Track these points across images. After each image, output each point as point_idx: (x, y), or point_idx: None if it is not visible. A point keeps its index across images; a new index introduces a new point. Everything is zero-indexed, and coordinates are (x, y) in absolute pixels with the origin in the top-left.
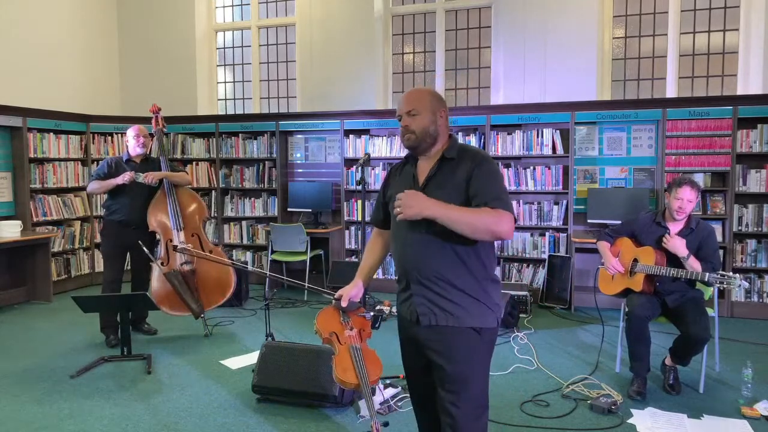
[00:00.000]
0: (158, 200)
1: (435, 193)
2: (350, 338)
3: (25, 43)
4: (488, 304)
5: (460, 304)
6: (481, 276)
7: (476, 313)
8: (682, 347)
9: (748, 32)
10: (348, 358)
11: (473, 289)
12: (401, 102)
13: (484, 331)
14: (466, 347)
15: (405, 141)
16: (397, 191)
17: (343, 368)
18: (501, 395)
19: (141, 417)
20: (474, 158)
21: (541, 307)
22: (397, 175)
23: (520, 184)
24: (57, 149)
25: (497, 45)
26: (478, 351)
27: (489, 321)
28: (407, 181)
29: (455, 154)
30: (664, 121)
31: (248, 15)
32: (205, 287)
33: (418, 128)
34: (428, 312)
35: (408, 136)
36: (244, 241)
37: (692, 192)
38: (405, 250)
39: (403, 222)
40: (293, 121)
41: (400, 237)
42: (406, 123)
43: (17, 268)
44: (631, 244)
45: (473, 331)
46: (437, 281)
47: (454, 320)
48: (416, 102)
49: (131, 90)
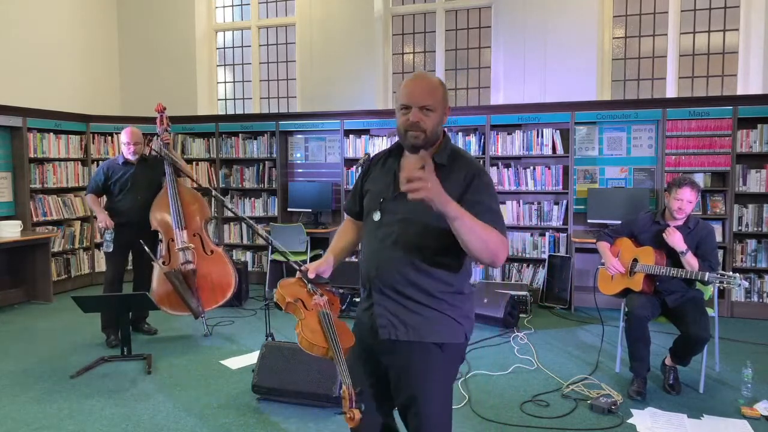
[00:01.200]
0: (161, 199)
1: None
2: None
3: (25, 43)
4: (455, 317)
5: (423, 316)
6: (451, 289)
7: (440, 328)
8: (682, 347)
9: (748, 32)
10: (316, 321)
11: (439, 303)
12: (413, 91)
13: (447, 347)
14: (425, 363)
15: (411, 139)
16: (376, 185)
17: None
18: (501, 395)
19: (141, 417)
20: (469, 169)
21: (541, 307)
22: (379, 167)
23: (520, 184)
24: (57, 149)
25: (497, 45)
26: (438, 368)
27: (455, 335)
28: (388, 178)
29: (446, 160)
30: (664, 121)
31: (248, 15)
32: (205, 287)
33: (430, 127)
34: (388, 324)
35: (417, 134)
36: (244, 241)
37: (692, 193)
38: (371, 257)
39: (375, 226)
40: (293, 121)
41: (369, 241)
42: (417, 118)
43: (17, 268)
44: (631, 244)
45: (435, 347)
46: (400, 292)
47: (415, 334)
48: (433, 96)
49: (131, 90)
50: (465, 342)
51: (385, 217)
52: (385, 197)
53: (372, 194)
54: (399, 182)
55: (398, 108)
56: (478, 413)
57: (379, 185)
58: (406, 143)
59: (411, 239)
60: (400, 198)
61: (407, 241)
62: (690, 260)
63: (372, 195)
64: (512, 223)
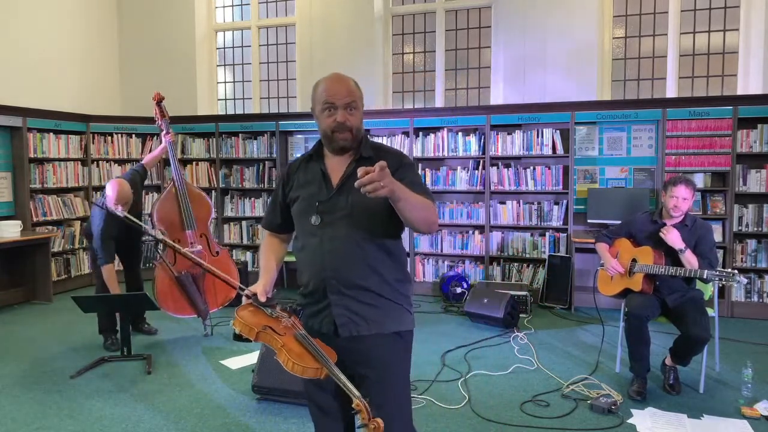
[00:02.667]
0: (167, 198)
1: (356, 195)
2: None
3: (26, 44)
4: (405, 305)
5: (381, 308)
6: (397, 277)
7: (396, 317)
8: (682, 347)
9: (748, 32)
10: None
11: (391, 293)
12: (333, 88)
13: (404, 334)
14: (389, 352)
15: (339, 141)
16: (305, 191)
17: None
18: (501, 395)
19: (141, 417)
20: (395, 157)
21: (541, 307)
22: (301, 173)
23: (520, 184)
24: (57, 149)
25: (497, 45)
26: (400, 354)
27: (408, 323)
28: (316, 181)
29: (371, 152)
30: (664, 121)
31: (248, 15)
32: (211, 288)
33: (356, 125)
34: (348, 323)
35: (345, 135)
36: (244, 241)
37: (687, 190)
38: (322, 259)
39: (317, 230)
40: (293, 121)
41: (314, 245)
42: (344, 118)
43: (17, 268)
44: (629, 244)
45: (396, 335)
46: (359, 289)
47: (377, 327)
48: (354, 93)
49: (131, 90)
50: (413, 329)
51: (326, 217)
52: (320, 200)
53: (303, 200)
54: (330, 183)
55: (320, 109)
56: (478, 413)
57: (309, 189)
58: (334, 145)
59: (359, 233)
60: (335, 198)
61: (355, 235)
62: (689, 258)
63: (303, 201)
64: (512, 223)
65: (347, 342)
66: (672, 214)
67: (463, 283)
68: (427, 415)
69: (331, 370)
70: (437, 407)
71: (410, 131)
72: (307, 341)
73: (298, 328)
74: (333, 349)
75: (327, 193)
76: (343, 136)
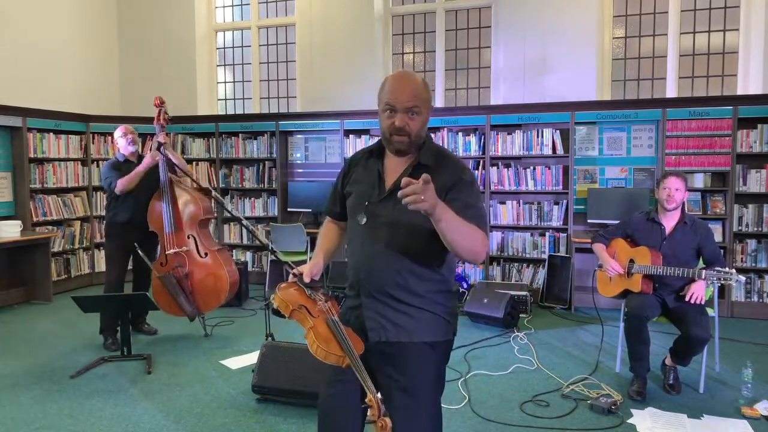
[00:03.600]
0: (155, 201)
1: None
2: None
3: (26, 43)
4: (443, 315)
5: (414, 317)
6: (438, 288)
7: (429, 327)
8: (683, 347)
9: (748, 32)
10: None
11: (428, 302)
12: (400, 91)
13: (437, 345)
14: (416, 361)
15: (396, 144)
16: (360, 187)
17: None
18: (501, 395)
19: (141, 417)
20: (454, 170)
21: (541, 307)
22: (360, 167)
23: (520, 184)
24: (57, 149)
25: (497, 45)
26: (429, 365)
27: (443, 333)
28: (371, 179)
29: (431, 161)
30: (664, 121)
31: (248, 15)
32: (199, 290)
33: (415, 131)
34: (378, 327)
35: (402, 139)
36: (244, 241)
37: (677, 180)
38: (360, 260)
39: (362, 229)
40: (293, 121)
41: (357, 244)
42: (403, 123)
43: (17, 268)
44: (626, 244)
45: (425, 346)
46: (391, 295)
47: (406, 335)
48: (419, 97)
49: (131, 90)
50: (453, 339)
51: (371, 220)
52: (370, 200)
53: (356, 197)
54: (384, 185)
55: (382, 108)
56: (478, 413)
57: (363, 187)
58: (391, 147)
59: (398, 242)
60: (385, 201)
61: (395, 244)
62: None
63: (356, 197)
64: (512, 223)
65: (376, 346)
66: (667, 206)
67: (463, 283)
68: None
69: (354, 362)
70: None
71: None
72: (336, 328)
73: (331, 313)
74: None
75: (378, 195)
76: (400, 139)
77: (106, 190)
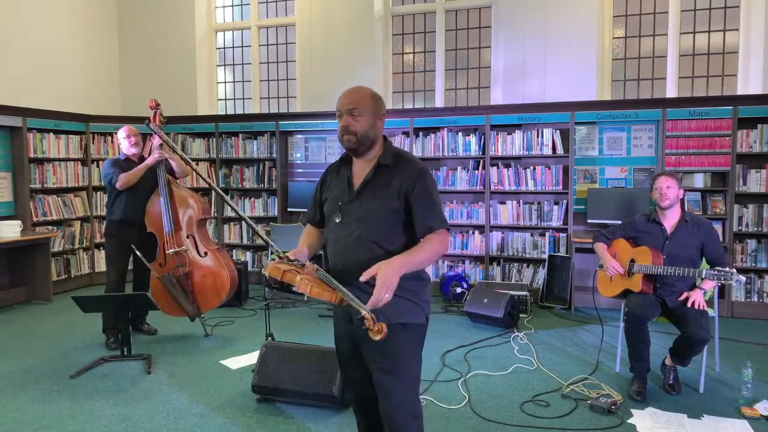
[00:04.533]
0: (153, 201)
1: (369, 202)
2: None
3: (25, 44)
4: (415, 300)
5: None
6: (411, 276)
7: (403, 310)
8: (683, 347)
9: (748, 32)
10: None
11: (401, 289)
12: (342, 98)
13: (410, 326)
14: (394, 341)
15: (345, 142)
16: (334, 193)
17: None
18: (501, 395)
19: (141, 417)
20: (411, 171)
21: (541, 307)
22: (334, 176)
23: (520, 184)
24: (57, 149)
25: (497, 45)
26: (406, 344)
27: (416, 317)
28: (343, 184)
29: (390, 161)
30: (664, 121)
31: (248, 15)
32: (200, 289)
33: (359, 130)
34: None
35: (349, 137)
36: (244, 241)
37: (668, 179)
38: (337, 255)
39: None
40: (293, 121)
41: (333, 239)
42: (347, 123)
43: (17, 268)
44: (627, 245)
45: (401, 326)
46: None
47: (384, 318)
48: (359, 101)
49: (131, 90)
50: (426, 323)
51: (345, 218)
52: (343, 201)
53: (331, 200)
54: (353, 187)
55: (337, 117)
56: (478, 413)
57: (336, 192)
58: (344, 147)
59: (368, 235)
60: (355, 200)
61: (365, 236)
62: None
63: (331, 201)
64: (512, 223)
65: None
66: (661, 205)
67: (463, 283)
68: (427, 415)
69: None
70: (437, 407)
71: (410, 131)
72: (325, 277)
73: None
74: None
75: (348, 196)
76: (348, 138)
77: (106, 187)
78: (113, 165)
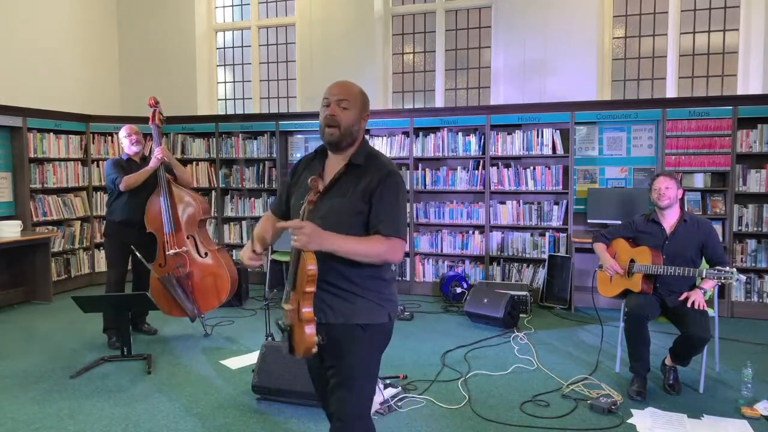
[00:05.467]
0: (152, 201)
1: (335, 200)
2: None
3: (25, 43)
4: (376, 300)
5: (348, 301)
6: (370, 275)
7: (363, 310)
8: (683, 347)
9: (748, 32)
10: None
11: (361, 289)
12: (332, 88)
13: (369, 327)
14: (350, 343)
15: (327, 136)
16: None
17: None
18: (501, 395)
19: (141, 417)
20: (380, 171)
21: (541, 307)
22: (305, 169)
23: (520, 184)
24: (57, 149)
25: (497, 45)
26: (362, 346)
27: (377, 317)
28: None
29: (362, 160)
30: (664, 121)
31: (248, 15)
32: (200, 290)
33: (344, 123)
34: (317, 311)
35: (332, 131)
36: (244, 241)
37: (666, 179)
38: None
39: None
40: (293, 121)
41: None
42: (333, 112)
43: (17, 268)
44: (627, 245)
45: (358, 327)
46: (328, 281)
47: (342, 318)
48: (349, 95)
49: (131, 90)
50: (389, 322)
51: (310, 214)
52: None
53: (298, 195)
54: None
55: (321, 105)
56: (478, 413)
57: (303, 187)
58: (324, 139)
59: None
60: (321, 198)
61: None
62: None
63: (297, 196)
64: (512, 223)
65: (324, 329)
66: (660, 205)
67: (463, 283)
68: (427, 415)
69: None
70: (437, 407)
71: (410, 131)
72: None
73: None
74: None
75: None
76: (331, 131)
77: (108, 188)
78: (115, 166)
